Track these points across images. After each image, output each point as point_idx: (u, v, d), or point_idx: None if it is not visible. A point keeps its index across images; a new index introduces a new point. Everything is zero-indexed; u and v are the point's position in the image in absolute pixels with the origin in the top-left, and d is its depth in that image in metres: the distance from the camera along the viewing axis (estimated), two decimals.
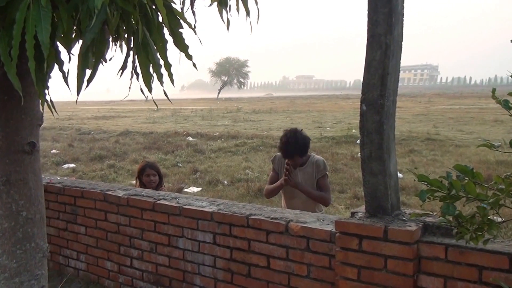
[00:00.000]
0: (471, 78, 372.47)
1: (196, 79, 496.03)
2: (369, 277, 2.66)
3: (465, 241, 2.01)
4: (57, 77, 2.28)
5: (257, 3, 2.59)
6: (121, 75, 2.43)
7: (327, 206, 4.35)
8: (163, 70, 2.34)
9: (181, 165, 12.61)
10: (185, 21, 2.32)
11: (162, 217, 3.81)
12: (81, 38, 2.37)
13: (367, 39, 2.67)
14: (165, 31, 2.32)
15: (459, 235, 2.01)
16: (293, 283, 3.13)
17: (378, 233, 2.60)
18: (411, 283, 2.52)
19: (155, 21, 2.22)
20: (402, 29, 2.69)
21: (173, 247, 3.77)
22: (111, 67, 2.57)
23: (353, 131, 17.96)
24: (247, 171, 11.28)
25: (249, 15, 2.54)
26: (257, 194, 8.81)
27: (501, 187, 1.90)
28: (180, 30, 2.33)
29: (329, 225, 3.03)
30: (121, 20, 2.14)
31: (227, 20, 2.56)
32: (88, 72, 2.16)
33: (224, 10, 2.52)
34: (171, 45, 2.39)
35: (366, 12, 2.64)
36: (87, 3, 1.90)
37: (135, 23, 2.17)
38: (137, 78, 2.39)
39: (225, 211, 3.46)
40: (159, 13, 2.20)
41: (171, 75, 2.37)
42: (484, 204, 1.88)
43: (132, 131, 21.60)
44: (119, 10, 2.05)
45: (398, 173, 2.94)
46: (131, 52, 2.34)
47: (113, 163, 12.72)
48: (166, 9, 2.11)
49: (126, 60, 2.36)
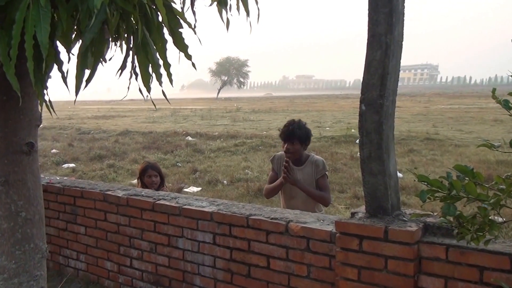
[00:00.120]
0: (471, 77, 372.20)
1: (196, 79, 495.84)
2: (370, 278, 2.65)
3: (466, 241, 2.01)
4: (58, 76, 2.28)
5: (257, 3, 2.58)
6: (120, 75, 2.43)
7: (327, 206, 4.33)
8: (162, 70, 2.33)
9: (180, 164, 12.61)
10: (185, 20, 2.32)
11: (161, 217, 3.80)
12: (81, 38, 2.37)
13: (368, 39, 2.66)
14: (165, 31, 2.31)
15: (460, 236, 2.01)
16: (293, 283, 3.12)
17: (378, 233, 2.60)
18: (411, 284, 2.51)
19: (154, 21, 2.21)
20: (402, 29, 2.68)
21: (173, 247, 3.77)
22: (112, 66, 2.57)
23: (353, 130, 17.95)
24: (246, 170, 11.28)
25: (249, 15, 2.54)
26: (257, 194, 8.80)
27: (502, 187, 1.89)
28: (180, 29, 2.33)
29: (329, 225, 3.02)
30: (121, 19, 2.13)
31: (227, 20, 2.55)
32: (87, 72, 2.15)
33: (224, 9, 2.52)
34: (170, 45, 2.39)
35: (366, 12, 2.63)
36: (86, 3, 1.90)
37: (134, 23, 2.16)
38: (136, 78, 2.38)
39: (225, 211, 3.46)
40: (159, 12, 2.19)
41: (170, 75, 2.37)
42: (485, 204, 1.88)
43: (131, 130, 21.60)
44: (119, 10, 2.05)
45: (398, 173, 2.93)
46: (130, 52, 2.33)
47: (113, 163, 12.72)
48: (166, 8, 2.10)
49: (125, 60, 2.35)
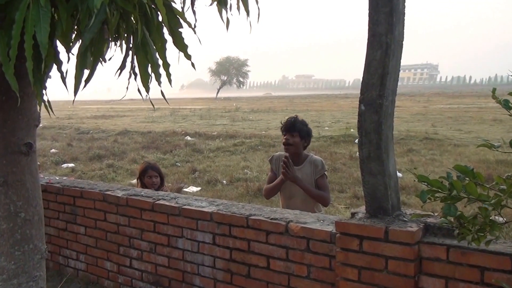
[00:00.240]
0: (471, 77, 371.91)
1: (195, 79, 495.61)
2: (370, 278, 2.65)
3: (467, 242, 2.00)
4: (58, 76, 2.27)
5: (257, 3, 2.57)
6: (119, 75, 2.41)
7: (327, 206, 4.31)
8: (161, 70, 2.32)
9: (179, 164, 12.59)
10: (185, 20, 2.31)
11: (161, 217, 3.79)
12: (81, 38, 2.36)
13: (368, 39, 2.65)
14: (165, 30, 2.30)
15: (461, 236, 2.00)
16: (293, 283, 3.11)
17: (378, 233, 2.59)
18: (412, 284, 2.50)
19: (154, 21, 2.20)
20: (403, 29, 2.67)
21: (172, 247, 3.76)
22: (112, 66, 2.56)
23: (352, 130, 17.95)
24: (245, 170, 11.27)
25: (249, 14, 2.53)
26: (256, 193, 8.79)
27: (503, 187, 1.88)
28: (179, 29, 2.32)
29: (329, 225, 3.02)
30: (121, 19, 2.12)
31: (227, 19, 2.54)
32: (86, 72, 2.14)
33: (224, 9, 2.51)
34: (170, 45, 2.38)
35: (367, 12, 2.62)
36: (86, 2, 1.89)
37: (134, 23, 2.15)
38: (135, 78, 2.37)
39: (225, 212, 3.45)
40: (159, 12, 2.18)
41: (169, 75, 2.36)
42: (486, 204, 1.87)
43: (130, 130, 21.58)
44: (119, 9, 2.04)
45: (397, 172, 2.92)
46: (130, 51, 2.32)
47: (112, 163, 12.71)
48: (166, 8, 2.09)
49: (124, 59, 2.34)
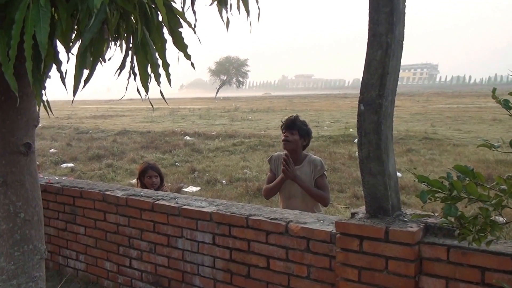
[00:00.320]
0: (470, 77, 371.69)
1: (195, 78, 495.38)
2: (370, 278, 2.64)
3: (467, 242, 2.00)
4: (57, 76, 2.26)
5: (257, 2, 2.56)
6: (118, 75, 2.40)
7: (327, 206, 4.31)
8: (161, 70, 2.31)
9: (179, 164, 12.59)
10: (185, 20, 2.30)
11: (161, 218, 3.78)
12: (80, 38, 2.35)
13: (368, 38, 2.64)
14: (165, 30, 2.29)
15: (461, 237, 1.99)
16: (293, 284, 3.11)
17: (379, 234, 2.58)
18: (412, 285, 2.50)
19: (154, 21, 2.19)
20: (403, 28, 2.66)
21: (172, 247, 3.75)
22: (112, 66, 2.55)
23: (351, 130, 17.96)
24: (245, 170, 11.27)
25: (249, 14, 2.52)
26: (256, 193, 8.78)
27: (503, 187, 1.88)
28: (179, 29, 2.31)
29: (329, 225, 3.01)
30: (121, 19, 2.11)
31: (227, 19, 2.54)
32: (85, 72, 2.13)
33: (224, 9, 2.50)
34: (169, 45, 2.37)
35: (367, 12, 2.61)
36: (86, 2, 1.88)
37: (134, 23, 2.14)
38: (134, 78, 2.36)
39: (224, 212, 3.44)
40: (159, 12, 2.17)
41: (168, 75, 2.35)
42: (486, 205, 1.87)
43: (129, 130, 21.56)
44: (119, 9, 2.03)
45: (397, 172, 2.91)
46: (129, 51, 2.31)
47: (111, 163, 12.70)
48: (166, 8, 2.08)
49: (124, 59, 2.33)
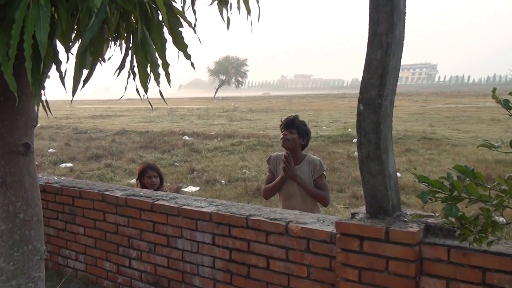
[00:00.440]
0: (469, 76, 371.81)
1: (194, 78, 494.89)
2: (370, 279, 2.64)
3: (468, 242, 2.00)
4: (55, 76, 2.25)
5: (258, 2, 2.55)
6: (118, 75, 2.39)
7: (326, 206, 4.30)
8: (160, 70, 2.30)
9: (178, 164, 12.58)
10: (185, 19, 2.29)
11: (160, 218, 3.77)
12: (80, 37, 2.34)
13: (368, 38, 2.63)
14: (165, 30, 2.28)
15: (462, 237, 1.99)
16: (293, 284, 3.10)
17: (379, 234, 2.58)
18: (413, 285, 2.49)
19: (155, 20, 2.18)
20: (403, 28, 2.65)
21: (172, 247, 3.74)
22: (111, 65, 2.54)
23: (349, 130, 17.96)
24: (244, 170, 11.26)
25: (250, 13, 2.51)
26: (255, 193, 8.78)
27: (504, 188, 1.87)
28: (180, 29, 2.30)
29: (329, 226, 3.00)
30: (121, 19, 2.10)
31: (228, 19, 2.52)
32: (85, 72, 2.12)
33: (224, 8, 2.49)
34: (169, 44, 2.35)
35: (367, 11, 2.61)
36: (87, 2, 1.87)
37: (134, 22, 2.13)
38: (134, 78, 2.35)
39: (224, 212, 3.43)
40: (159, 11, 2.16)
41: (168, 75, 2.33)
42: (487, 205, 1.86)
43: (128, 130, 21.54)
44: (119, 9, 2.02)
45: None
46: (129, 51, 2.30)
47: (110, 162, 12.69)
48: (166, 7, 2.07)
49: (124, 59, 2.32)
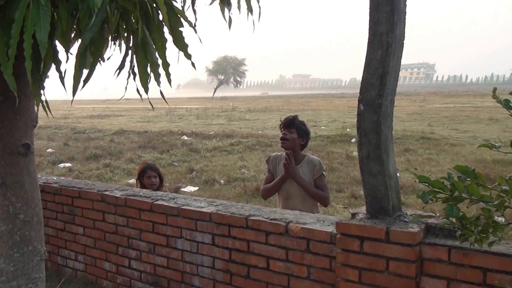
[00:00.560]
0: (467, 76, 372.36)
1: (192, 78, 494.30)
2: (371, 279, 2.63)
3: (469, 243, 1.99)
4: (54, 76, 2.24)
5: (258, 1, 2.54)
6: (118, 75, 2.38)
7: (327, 206, 4.29)
8: (160, 70, 2.29)
9: (176, 164, 12.57)
10: (186, 19, 2.27)
11: (160, 218, 3.77)
12: (79, 37, 2.32)
13: (368, 38, 2.63)
14: (165, 29, 2.27)
15: (463, 237, 1.99)
16: (293, 284, 3.10)
17: (379, 234, 2.58)
18: (413, 285, 2.49)
19: (155, 20, 2.17)
20: (404, 28, 2.65)
21: (171, 248, 3.74)
22: (108, 65, 2.52)
23: (348, 130, 17.97)
24: (243, 170, 11.25)
25: (252, 13, 2.50)
26: (254, 193, 8.77)
27: (505, 188, 1.87)
28: (180, 28, 2.29)
29: (329, 226, 3.00)
30: (121, 18, 2.09)
31: (229, 18, 2.51)
32: (85, 72, 2.11)
33: (226, 8, 2.47)
34: (168, 44, 2.34)
35: (366, 11, 2.60)
36: (87, 1, 1.86)
37: (135, 22, 2.12)
38: (134, 78, 2.34)
39: (224, 212, 3.43)
40: (159, 11, 2.15)
41: (169, 75, 2.32)
42: (488, 205, 1.86)
43: (126, 130, 21.50)
44: (119, 8, 2.01)
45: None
46: (129, 51, 2.29)
47: (109, 162, 12.66)
48: (166, 7, 2.06)
49: (124, 59, 2.31)
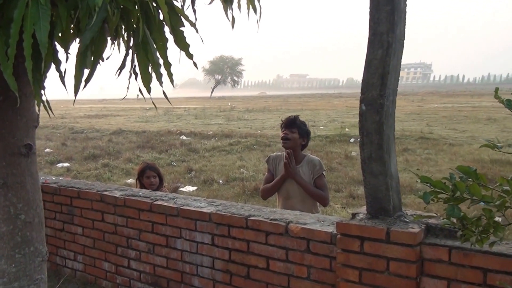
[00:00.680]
0: (464, 76, 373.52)
1: (189, 78, 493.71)
2: (371, 279, 2.63)
3: (470, 243, 1.99)
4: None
5: (259, 1, 2.53)
6: (119, 75, 2.36)
7: (326, 206, 4.30)
8: (162, 69, 2.28)
9: (175, 164, 12.56)
10: (187, 18, 2.26)
11: (159, 218, 3.76)
12: (78, 36, 2.31)
13: (369, 38, 2.63)
14: (166, 29, 2.26)
15: (464, 238, 1.99)
16: (293, 284, 3.10)
17: (380, 235, 2.57)
18: (414, 286, 2.49)
19: (156, 19, 2.15)
20: (404, 28, 2.65)
21: (171, 248, 3.73)
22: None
23: (347, 130, 17.98)
24: (241, 170, 11.25)
25: (256, 12, 2.48)
26: (252, 193, 8.77)
27: (506, 188, 1.87)
28: (181, 28, 2.28)
29: (329, 226, 3.00)
30: (120, 18, 2.08)
31: (232, 18, 2.50)
32: (86, 71, 2.10)
33: (229, 7, 2.46)
34: (168, 44, 2.33)
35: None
36: (86, 0, 1.85)
37: (135, 21, 2.11)
38: (136, 78, 2.33)
39: (224, 212, 3.42)
40: (160, 10, 2.14)
41: (170, 75, 2.30)
42: (490, 206, 1.86)
43: (125, 130, 21.48)
44: (120, 7, 2.00)
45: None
46: (130, 50, 2.28)
47: (107, 162, 12.64)
48: (167, 6, 2.05)
49: (124, 59, 2.30)
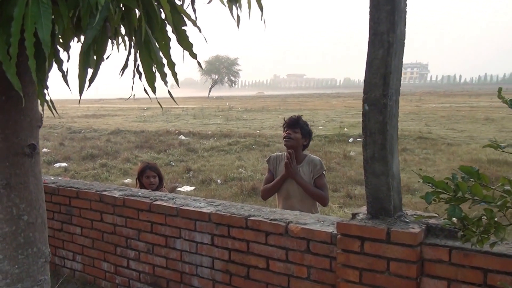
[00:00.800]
0: (460, 76, 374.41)
1: (185, 77, 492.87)
2: (371, 280, 2.63)
3: (471, 243, 1.99)
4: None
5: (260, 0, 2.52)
6: (122, 74, 2.35)
7: (325, 205, 4.31)
8: (166, 69, 2.27)
9: (174, 164, 12.55)
10: (189, 18, 2.25)
11: (159, 218, 3.75)
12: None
13: (369, 37, 2.63)
14: (168, 28, 2.25)
15: (465, 238, 1.99)
16: (293, 285, 3.09)
17: (380, 235, 2.57)
18: (414, 286, 2.50)
19: (158, 18, 2.14)
20: (404, 27, 2.65)
21: (170, 248, 3.73)
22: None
23: (345, 129, 18.00)
24: (240, 170, 11.25)
25: (262, 11, 2.47)
26: (250, 193, 8.77)
27: (508, 188, 1.87)
28: (183, 27, 2.27)
29: (329, 226, 3.00)
30: (121, 16, 2.07)
31: (237, 16, 2.48)
32: (89, 71, 2.09)
33: (234, 6, 2.45)
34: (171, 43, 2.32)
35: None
36: None
37: (137, 20, 2.10)
38: (140, 77, 2.32)
39: (223, 212, 3.42)
40: (162, 9, 2.13)
41: (175, 75, 2.29)
42: (491, 206, 1.86)
43: (123, 129, 21.46)
44: (121, 6, 1.99)
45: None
46: (132, 50, 2.27)
47: (105, 162, 12.63)
48: (169, 5, 2.05)
49: (127, 58, 2.29)
